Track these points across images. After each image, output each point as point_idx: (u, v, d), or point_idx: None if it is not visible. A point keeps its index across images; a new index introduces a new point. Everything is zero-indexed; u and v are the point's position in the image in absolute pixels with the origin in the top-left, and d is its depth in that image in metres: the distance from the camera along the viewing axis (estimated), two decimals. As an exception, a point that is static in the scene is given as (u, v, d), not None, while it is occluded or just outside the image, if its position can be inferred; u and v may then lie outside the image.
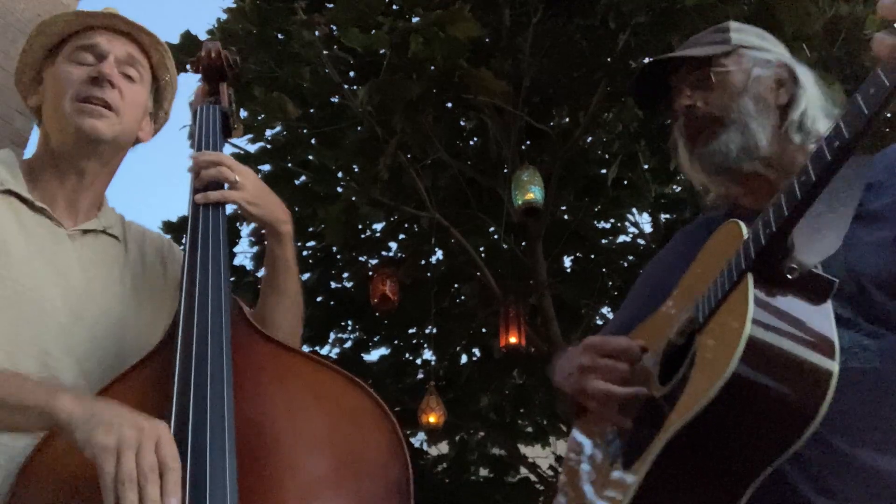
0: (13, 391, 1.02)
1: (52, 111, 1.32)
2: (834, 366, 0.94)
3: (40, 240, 1.25)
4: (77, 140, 1.30)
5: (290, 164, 5.84)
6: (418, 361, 6.96)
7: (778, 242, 0.99)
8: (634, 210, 6.62)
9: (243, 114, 5.58)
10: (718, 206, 1.42)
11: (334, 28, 5.00)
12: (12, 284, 1.18)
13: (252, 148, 5.79)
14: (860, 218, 1.11)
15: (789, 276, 0.99)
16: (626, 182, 6.19)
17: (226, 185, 1.33)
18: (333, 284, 6.65)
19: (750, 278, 0.99)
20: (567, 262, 6.67)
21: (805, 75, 1.34)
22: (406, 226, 6.30)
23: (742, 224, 1.10)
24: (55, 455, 1.01)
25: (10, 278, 1.18)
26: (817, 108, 1.31)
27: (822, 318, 0.99)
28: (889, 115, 4.97)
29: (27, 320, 1.18)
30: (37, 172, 1.33)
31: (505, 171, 5.42)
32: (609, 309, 6.67)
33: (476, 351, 6.89)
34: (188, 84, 1.73)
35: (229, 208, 1.35)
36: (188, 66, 1.64)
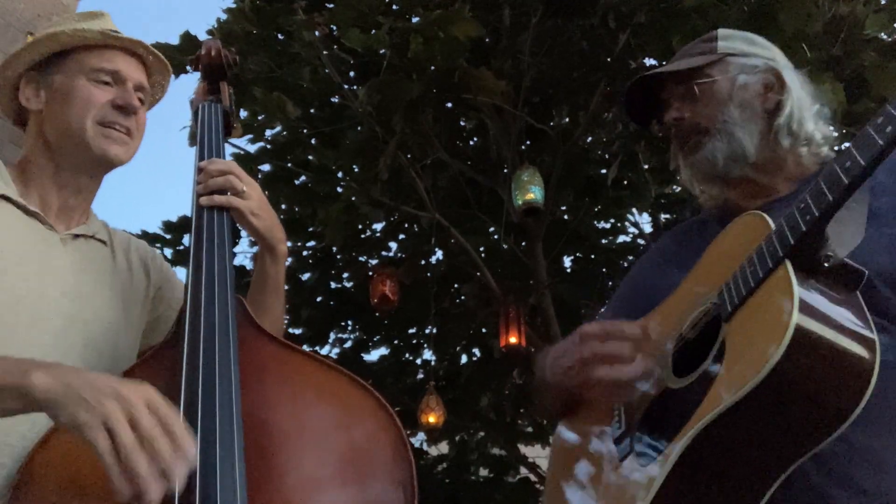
0: None
1: (65, 126, 1.31)
2: (875, 357, 0.93)
3: (34, 243, 1.26)
4: (94, 161, 1.33)
5: (290, 164, 5.83)
6: (418, 361, 6.95)
7: (817, 230, 0.97)
8: (634, 210, 6.61)
9: (243, 114, 5.58)
10: (711, 207, 1.43)
11: (334, 28, 5.00)
12: (8, 288, 1.18)
13: (252, 148, 5.79)
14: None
15: (826, 265, 0.98)
16: (626, 182, 6.18)
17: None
18: (333, 284, 6.64)
19: (789, 265, 0.97)
20: (567, 262, 6.67)
21: (792, 78, 1.36)
22: (406, 226, 6.29)
23: (766, 215, 1.09)
24: (58, 452, 1.00)
25: (5, 282, 1.18)
26: (804, 110, 1.33)
27: (857, 308, 0.97)
28: None
29: (24, 324, 1.18)
30: (30, 177, 1.33)
31: (505, 171, 5.42)
32: (609, 309, 6.66)
33: (476, 351, 6.89)
34: (189, 83, 1.74)
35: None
36: (188, 67, 1.64)
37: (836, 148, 1.35)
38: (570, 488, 1.29)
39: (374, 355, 6.84)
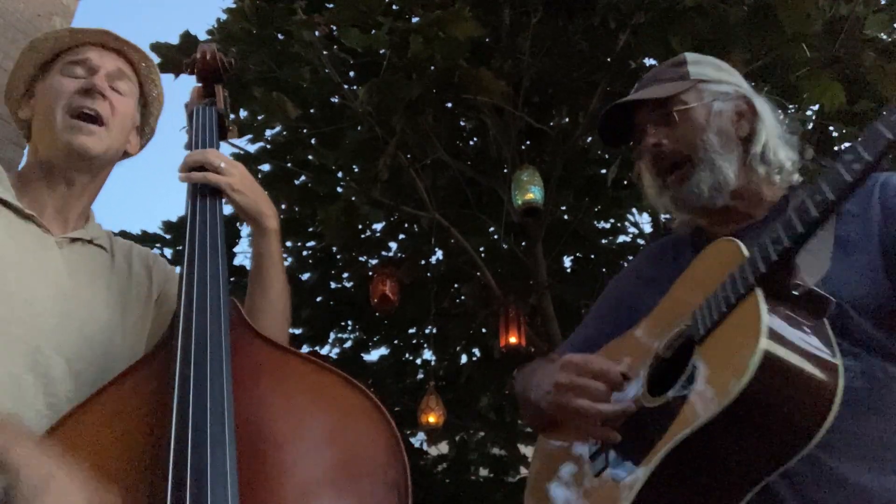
0: None
1: (44, 123, 1.35)
2: (838, 381, 0.96)
3: (29, 245, 1.28)
4: (67, 154, 1.34)
5: (290, 164, 5.83)
6: (418, 361, 6.96)
7: (787, 260, 1.01)
8: (634, 210, 6.62)
9: (243, 114, 5.59)
10: (683, 230, 1.45)
11: (334, 28, 5.00)
12: (2, 285, 1.20)
13: (252, 148, 5.79)
14: (835, 244, 1.16)
15: (795, 293, 1.01)
16: (626, 182, 6.18)
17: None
18: (333, 284, 6.64)
19: (759, 292, 1.01)
20: (567, 262, 6.67)
21: (763, 106, 1.37)
22: (406, 226, 6.30)
23: (740, 242, 1.12)
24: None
25: (0, 280, 1.20)
26: (776, 138, 1.35)
27: (823, 335, 1.01)
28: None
29: (18, 319, 1.20)
30: (27, 182, 1.36)
31: (505, 171, 5.42)
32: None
33: (476, 351, 6.89)
34: (191, 81, 1.74)
35: (228, 209, 1.37)
36: (185, 70, 1.65)
37: (837, 147, 1.36)
38: (549, 500, 1.32)
39: (374, 355, 6.86)
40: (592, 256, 6.59)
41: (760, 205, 1.35)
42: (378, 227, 6.35)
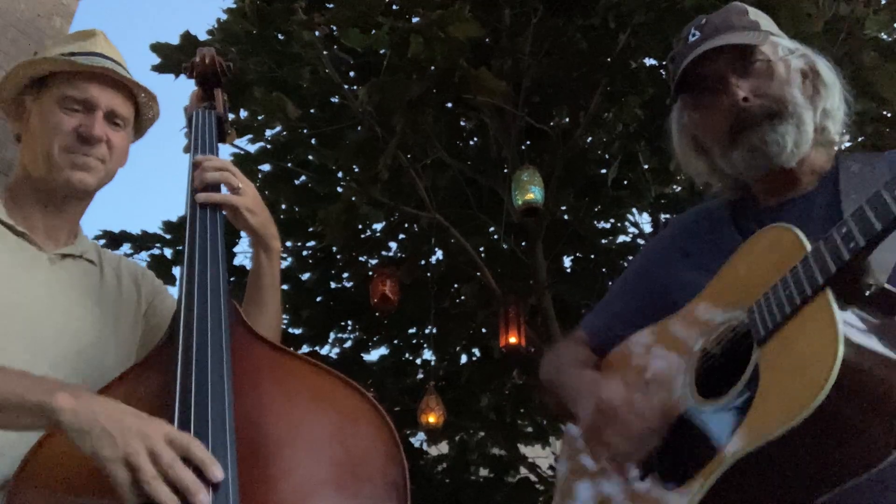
0: (12, 389, 1.01)
1: (39, 152, 1.34)
2: None
3: (22, 261, 1.29)
4: (61, 187, 1.34)
5: (290, 164, 5.84)
6: (418, 361, 6.96)
7: (861, 259, 0.93)
8: (634, 210, 6.62)
9: (243, 114, 5.59)
10: (719, 200, 1.37)
11: (334, 28, 5.00)
12: None
13: (252, 148, 5.80)
14: None
15: (867, 294, 0.94)
16: (626, 182, 6.18)
17: (224, 192, 1.36)
18: (333, 284, 6.65)
19: (830, 294, 0.93)
20: (567, 262, 6.66)
21: (824, 67, 1.29)
22: (406, 226, 6.29)
23: (799, 232, 1.03)
24: (54, 452, 1.01)
25: None
26: (837, 101, 1.27)
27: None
28: (889, 114, 4.97)
29: (14, 334, 1.21)
30: (18, 198, 1.37)
31: (505, 171, 5.42)
32: (609, 309, 6.65)
33: (476, 351, 6.89)
34: (190, 83, 1.74)
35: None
36: (184, 74, 1.65)
37: (837, 148, 1.30)
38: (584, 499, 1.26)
39: (374, 355, 6.86)
40: (592, 256, 6.59)
41: (811, 172, 1.26)
42: (378, 227, 6.35)
